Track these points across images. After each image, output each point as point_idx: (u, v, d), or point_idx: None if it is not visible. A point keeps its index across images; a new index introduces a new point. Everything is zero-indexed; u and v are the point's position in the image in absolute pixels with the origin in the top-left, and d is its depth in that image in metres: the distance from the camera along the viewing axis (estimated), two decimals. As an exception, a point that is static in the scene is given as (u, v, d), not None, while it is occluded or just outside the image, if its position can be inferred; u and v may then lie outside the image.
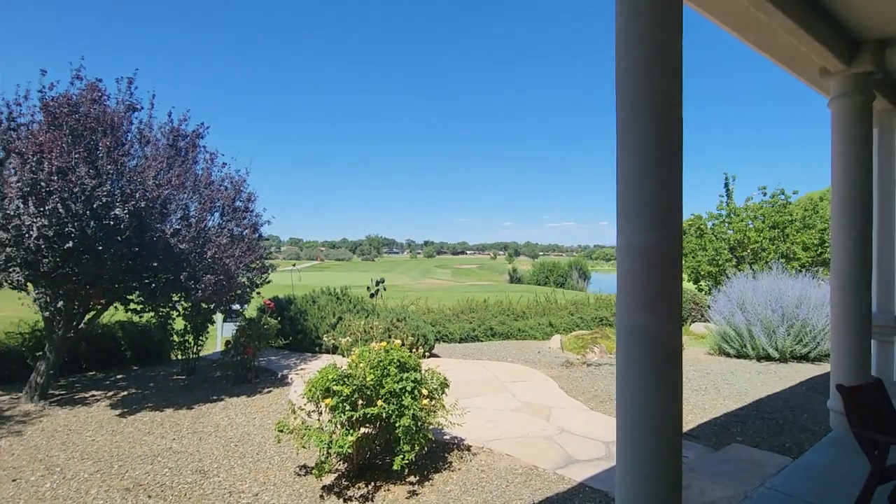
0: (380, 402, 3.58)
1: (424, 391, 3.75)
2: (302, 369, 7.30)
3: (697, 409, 5.44)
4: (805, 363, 7.62)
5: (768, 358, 7.79)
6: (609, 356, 8.69)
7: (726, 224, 13.28)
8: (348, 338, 4.11)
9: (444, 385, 3.98)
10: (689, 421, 5.01)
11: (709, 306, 10.49)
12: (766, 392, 6.10)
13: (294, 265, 13.24)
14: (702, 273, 12.82)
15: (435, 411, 3.77)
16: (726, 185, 13.55)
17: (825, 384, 6.39)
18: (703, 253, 12.78)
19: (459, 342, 10.15)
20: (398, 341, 4.07)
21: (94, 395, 6.00)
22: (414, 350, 4.12)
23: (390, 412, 3.57)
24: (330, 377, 3.64)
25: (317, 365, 7.41)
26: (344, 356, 3.91)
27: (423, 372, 3.99)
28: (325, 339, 3.77)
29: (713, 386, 6.45)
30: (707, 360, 8.00)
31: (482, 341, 10.29)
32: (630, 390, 2.22)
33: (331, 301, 9.39)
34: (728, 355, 8.28)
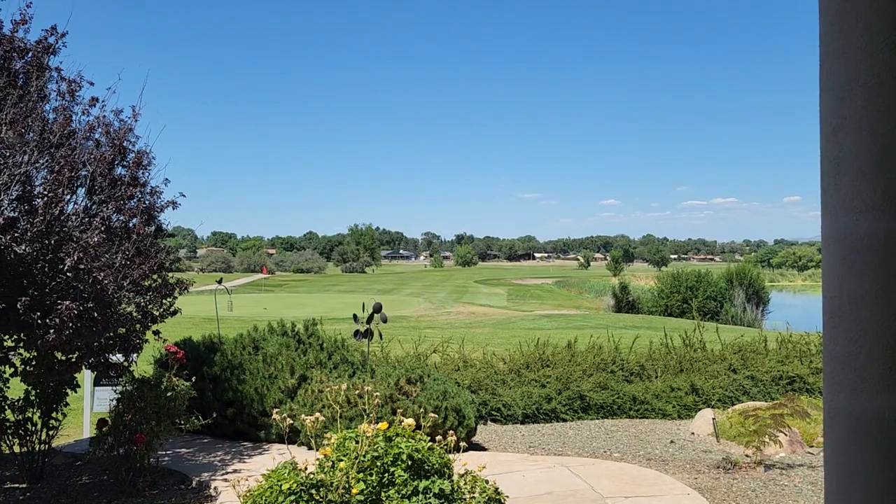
0: (377, 535, 3.58)
1: (459, 514, 3.72)
2: (236, 472, 7.40)
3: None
4: None
5: None
6: (809, 450, 8.47)
7: None
8: (319, 414, 4.12)
9: (495, 503, 3.95)
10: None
11: None
12: None
13: (220, 281, 13.38)
14: None
15: (479, 552, 3.74)
16: None
17: None
18: None
19: (523, 422, 10.25)
20: (410, 420, 4.07)
21: None
22: (440, 438, 4.11)
23: (397, 553, 3.56)
24: (286, 487, 3.66)
25: (262, 464, 7.48)
26: (312, 448, 3.92)
27: (455, 478, 3.97)
28: (276, 416, 3.75)
29: None
30: None
31: (566, 419, 10.39)
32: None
33: (287, 347, 9.51)
34: None
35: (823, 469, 2.31)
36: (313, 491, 3.65)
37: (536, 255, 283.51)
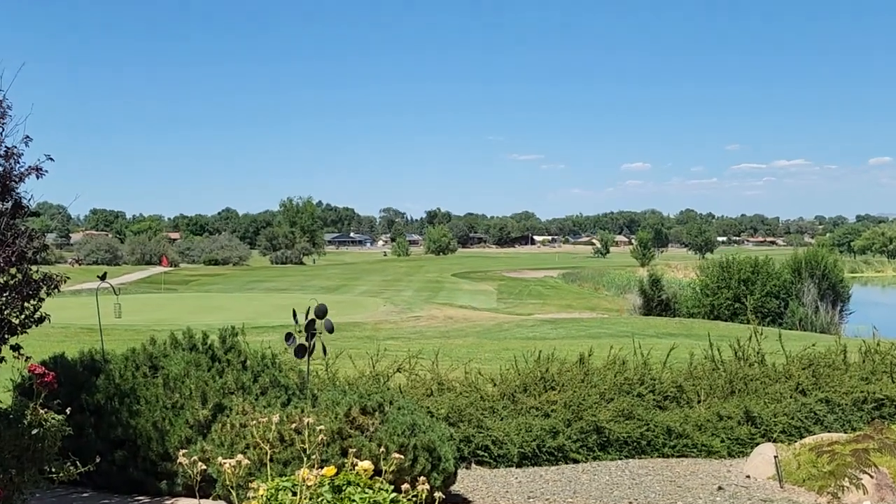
0: None
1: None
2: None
3: None
4: None
5: None
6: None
7: None
8: (242, 456, 4.11)
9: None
10: None
11: None
12: None
13: (104, 277, 13.22)
14: None
15: None
16: None
17: None
18: None
19: (520, 464, 10.23)
20: (366, 464, 4.07)
21: None
22: (407, 487, 4.11)
23: None
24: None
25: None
26: (233, 502, 3.93)
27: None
28: (183, 460, 3.72)
29: None
30: None
31: (578, 460, 10.39)
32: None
33: (198, 366, 9.43)
34: None
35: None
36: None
37: (537, 238, 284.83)
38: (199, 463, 4.16)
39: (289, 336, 9.35)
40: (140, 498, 8.79)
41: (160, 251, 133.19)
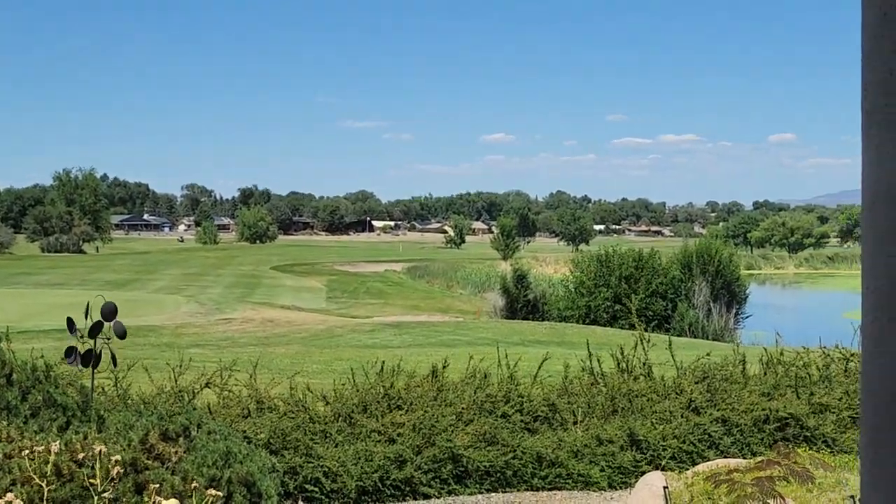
0: None
1: None
2: None
3: None
4: None
5: None
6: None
7: None
8: (12, 495, 3.97)
9: None
10: None
11: None
12: None
13: None
14: None
15: None
16: None
17: None
18: None
19: (358, 500, 10.25)
20: (172, 502, 3.98)
21: None
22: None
23: None
24: None
25: None
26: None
27: None
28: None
29: None
30: None
31: (430, 495, 10.43)
32: None
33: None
34: None
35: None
36: None
37: (376, 223, 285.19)
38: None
39: (70, 351, 9.08)
40: None
41: None
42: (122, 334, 9.04)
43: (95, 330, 8.94)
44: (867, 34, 2.24)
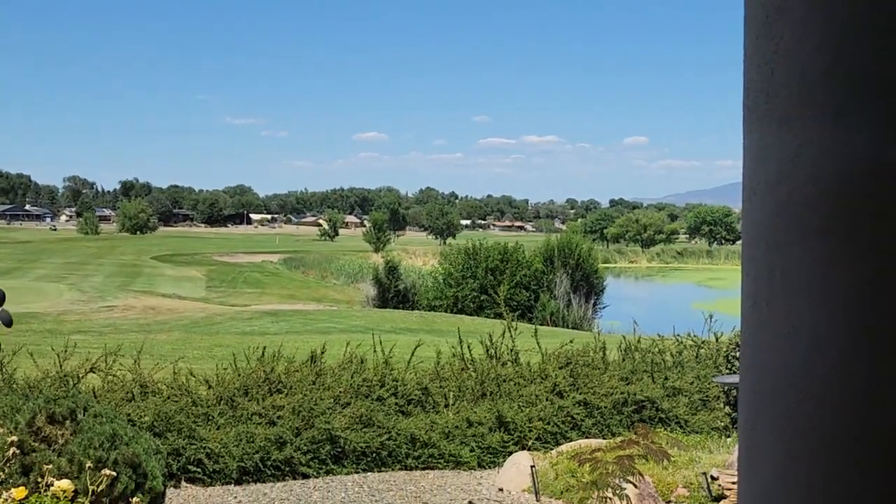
0: None
1: None
2: None
3: None
4: None
5: None
6: (666, 508, 9.05)
7: None
8: None
9: None
10: None
11: None
12: None
13: None
14: None
15: None
16: None
17: None
18: None
19: (240, 481, 10.19)
20: (66, 483, 3.87)
21: None
22: (115, 509, 3.93)
23: None
24: None
25: None
26: None
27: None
28: None
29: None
30: None
31: (309, 475, 10.41)
32: None
33: None
34: None
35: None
36: None
37: (254, 216, 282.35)
38: None
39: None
40: None
41: None
42: (8, 323, 8.76)
43: (-17, 313, 8.66)
44: (750, 35, 2.27)
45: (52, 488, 3.79)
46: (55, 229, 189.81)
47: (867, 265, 2.19)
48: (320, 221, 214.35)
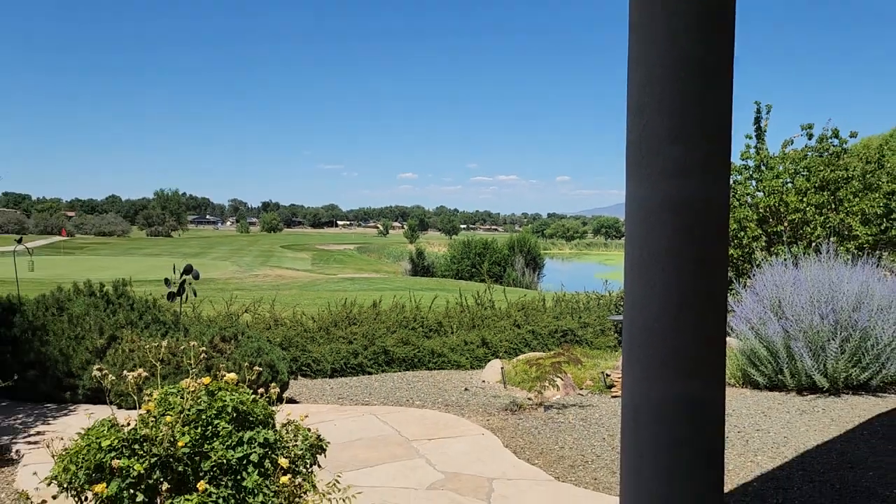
0: (203, 485, 3.40)
1: (283, 461, 3.63)
2: (41, 433, 6.78)
3: (718, 470, 5.90)
4: (865, 395, 8.59)
5: (814, 388, 8.67)
6: (580, 392, 9.12)
7: (753, 182, 14.39)
8: (142, 370, 3.83)
9: (318, 449, 3.89)
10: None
11: (728, 310, 11.39)
12: (815, 441, 6.78)
13: (20, 241, 12.03)
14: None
15: (301, 496, 3.67)
16: (757, 120, 14.53)
17: None
18: None
19: (332, 375, 10.22)
20: (232, 375, 3.88)
21: None
22: (262, 391, 3.96)
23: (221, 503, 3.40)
24: (106, 444, 3.38)
25: (74, 424, 6.90)
26: (122, 407, 3.65)
27: (278, 428, 3.86)
28: (96, 373, 3.39)
29: (739, 434, 7.04)
30: (728, 393, 8.70)
31: (372, 373, 10.46)
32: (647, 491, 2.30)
33: (96, 307, 8.80)
34: (757, 386, 9.07)
35: (621, 439, 2.47)
36: (136, 446, 3.40)
37: (339, 222, 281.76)
38: (110, 375, 3.84)
39: (170, 295, 8.83)
40: (48, 405, 8.06)
41: (59, 224, 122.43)
42: (196, 276, 8.83)
43: (182, 277, 8.73)
44: (633, 90, 2.28)
45: (224, 378, 3.82)
46: (223, 229, 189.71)
47: (687, 256, 2.25)
48: (377, 226, 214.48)
